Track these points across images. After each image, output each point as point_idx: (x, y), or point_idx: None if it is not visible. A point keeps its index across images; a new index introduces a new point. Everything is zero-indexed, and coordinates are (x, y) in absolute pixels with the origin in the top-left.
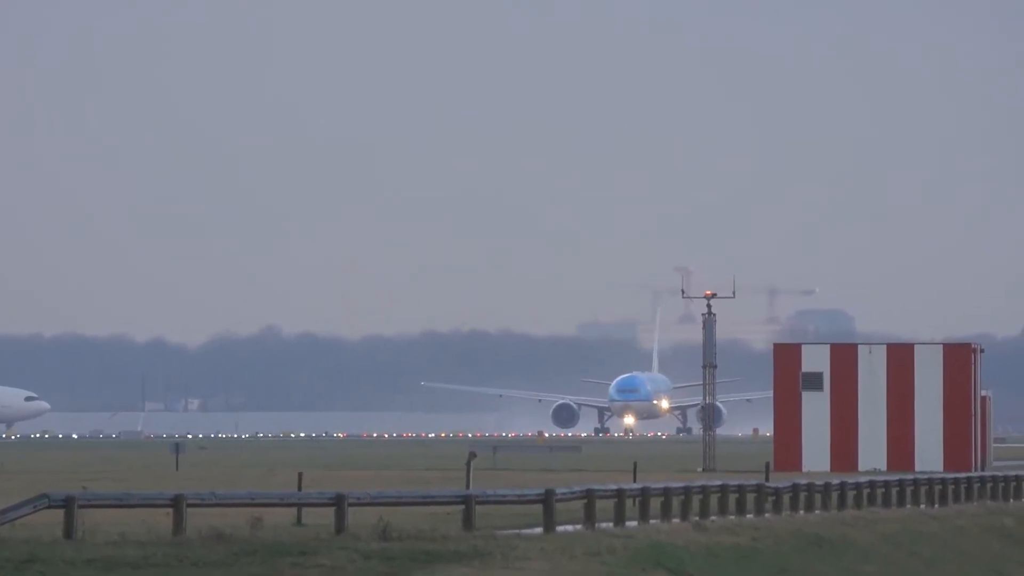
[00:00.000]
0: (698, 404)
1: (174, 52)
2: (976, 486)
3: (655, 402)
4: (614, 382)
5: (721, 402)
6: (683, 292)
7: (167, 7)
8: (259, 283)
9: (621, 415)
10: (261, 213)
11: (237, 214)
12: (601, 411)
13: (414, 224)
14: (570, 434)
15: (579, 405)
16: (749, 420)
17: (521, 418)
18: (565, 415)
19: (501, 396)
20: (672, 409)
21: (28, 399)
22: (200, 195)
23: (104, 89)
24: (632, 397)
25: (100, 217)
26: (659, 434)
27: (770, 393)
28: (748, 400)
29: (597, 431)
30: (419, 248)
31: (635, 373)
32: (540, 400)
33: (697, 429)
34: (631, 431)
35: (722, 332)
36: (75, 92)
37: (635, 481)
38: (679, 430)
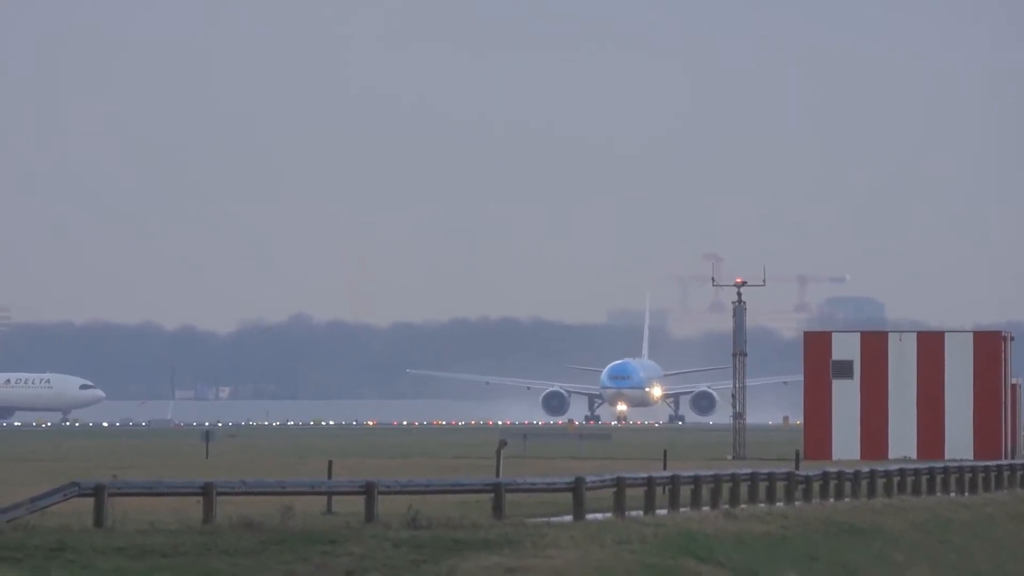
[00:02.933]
0: (691, 392)
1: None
2: (1006, 474)
3: (647, 390)
4: (606, 369)
5: (715, 390)
6: (713, 280)
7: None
8: (289, 270)
9: (613, 403)
10: (291, 200)
11: (266, 200)
12: (592, 399)
13: (443, 210)
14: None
15: (569, 392)
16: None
17: (507, 405)
18: (555, 403)
19: (488, 384)
20: (665, 396)
21: (83, 387)
22: (230, 182)
23: (129, 75)
24: (625, 384)
25: (129, 204)
26: (648, 422)
27: (769, 379)
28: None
29: (587, 419)
30: (449, 234)
31: (627, 360)
32: (529, 387)
33: (690, 417)
34: (623, 419)
35: (751, 320)
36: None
37: (665, 469)
38: (672, 418)
